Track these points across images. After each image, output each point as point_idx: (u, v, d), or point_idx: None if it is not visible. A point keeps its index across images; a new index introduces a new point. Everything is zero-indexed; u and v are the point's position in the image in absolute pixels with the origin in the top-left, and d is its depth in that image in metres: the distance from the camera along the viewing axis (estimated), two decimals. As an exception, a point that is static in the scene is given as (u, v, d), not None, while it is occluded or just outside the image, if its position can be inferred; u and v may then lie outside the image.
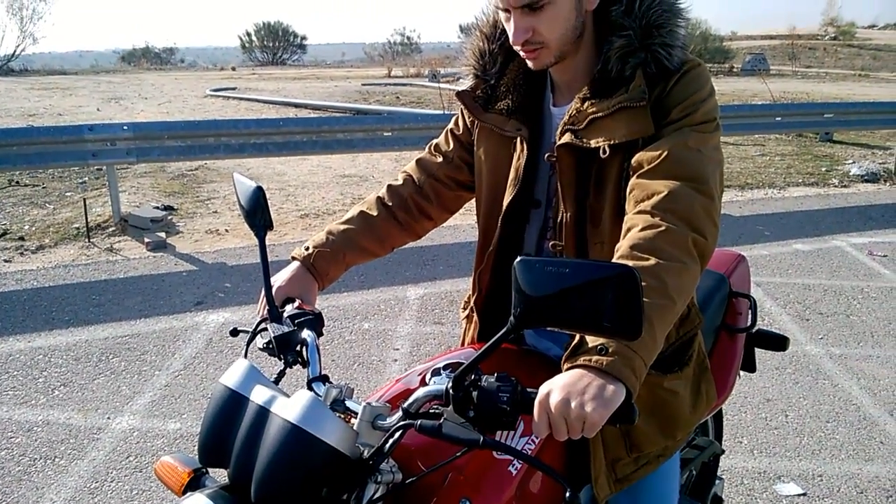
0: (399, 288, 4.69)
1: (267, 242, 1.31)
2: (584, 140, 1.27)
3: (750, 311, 1.90)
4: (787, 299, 4.52)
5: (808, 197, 7.48)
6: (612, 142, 1.23)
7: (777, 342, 1.98)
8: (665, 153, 1.18)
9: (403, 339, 3.94)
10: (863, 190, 7.86)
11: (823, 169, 8.79)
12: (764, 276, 4.92)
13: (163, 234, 5.76)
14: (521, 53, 1.31)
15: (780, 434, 3.05)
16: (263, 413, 1.06)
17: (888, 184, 8.15)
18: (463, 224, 5.80)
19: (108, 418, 3.13)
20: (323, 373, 1.17)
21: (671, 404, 1.36)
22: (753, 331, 1.91)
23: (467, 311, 1.60)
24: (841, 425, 3.11)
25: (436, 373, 1.16)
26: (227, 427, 1.08)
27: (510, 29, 1.26)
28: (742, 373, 1.94)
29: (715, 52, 30.05)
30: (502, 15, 1.29)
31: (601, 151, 1.25)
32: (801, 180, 8.23)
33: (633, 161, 1.22)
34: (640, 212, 1.15)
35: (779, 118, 8.24)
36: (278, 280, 1.40)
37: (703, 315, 1.47)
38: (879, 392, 3.38)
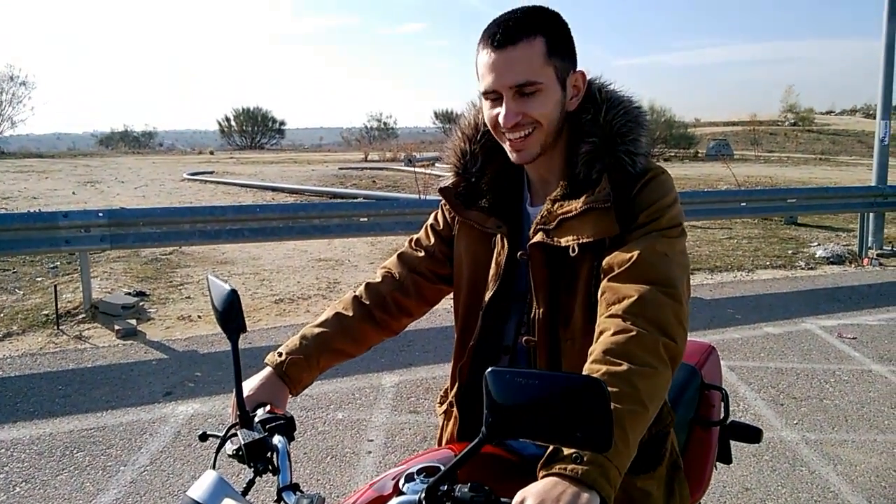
0: (374, 375, 4.63)
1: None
2: (555, 239, 1.32)
3: (723, 404, 1.91)
4: (761, 384, 4.55)
5: (776, 280, 7.63)
6: (580, 241, 1.28)
7: (751, 434, 1.97)
8: (635, 257, 1.22)
9: (378, 429, 3.87)
10: (829, 272, 8.04)
11: (790, 251, 9.01)
12: (737, 361, 4.96)
13: (133, 321, 5.68)
14: (507, 145, 1.34)
15: (761, 525, 3.01)
16: (231, 529, 1.03)
17: (853, 265, 8.37)
18: (439, 308, 5.76)
19: (69, 518, 3.00)
20: (293, 481, 1.15)
21: (645, 506, 1.35)
22: (727, 423, 1.91)
23: (445, 406, 1.58)
24: (820, 514, 3.08)
25: (409, 478, 1.15)
26: (194, 543, 1.05)
27: (502, 112, 1.29)
28: (718, 462, 1.93)
29: (679, 139, 31.30)
30: (488, 103, 1.33)
31: (570, 250, 1.29)
32: (768, 263, 8.42)
33: (603, 264, 1.27)
34: (611, 315, 1.18)
35: (744, 203, 8.49)
36: (249, 386, 1.38)
37: (675, 410, 1.48)
38: (856, 478, 3.37)
